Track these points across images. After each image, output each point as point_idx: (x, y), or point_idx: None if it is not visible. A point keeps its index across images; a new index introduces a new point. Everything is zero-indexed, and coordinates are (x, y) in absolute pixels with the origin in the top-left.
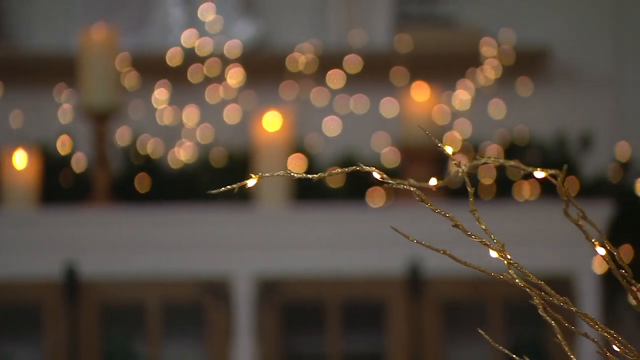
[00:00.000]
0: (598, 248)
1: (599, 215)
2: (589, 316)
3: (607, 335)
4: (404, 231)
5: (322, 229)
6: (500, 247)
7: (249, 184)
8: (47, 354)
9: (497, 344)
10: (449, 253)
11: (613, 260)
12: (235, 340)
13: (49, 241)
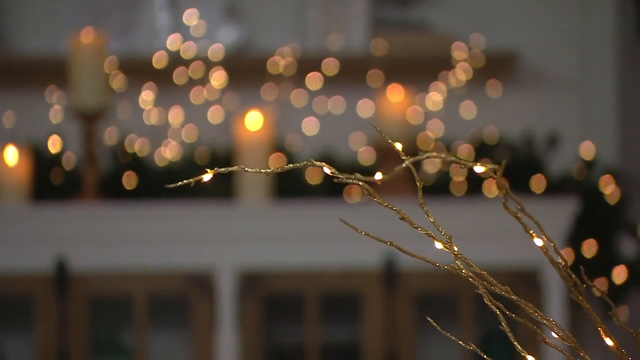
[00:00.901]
0: (535, 239)
1: (565, 210)
2: (529, 304)
3: (546, 322)
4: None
5: (302, 224)
6: (448, 239)
7: (205, 178)
8: (37, 345)
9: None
10: (395, 244)
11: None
12: (218, 331)
13: (40, 236)
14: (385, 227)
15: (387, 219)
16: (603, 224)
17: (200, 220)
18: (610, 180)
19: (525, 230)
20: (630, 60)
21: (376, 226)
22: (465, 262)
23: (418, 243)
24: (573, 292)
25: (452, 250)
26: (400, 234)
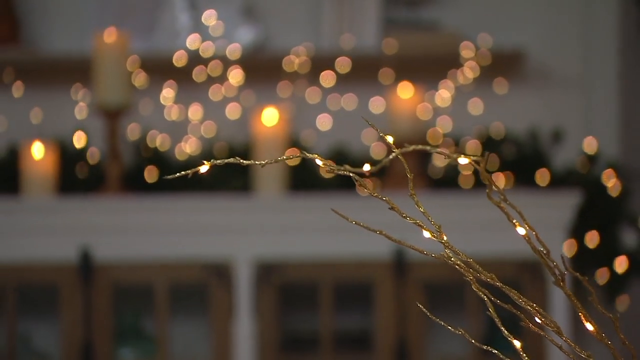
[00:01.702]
0: (518, 228)
1: (568, 203)
2: (513, 290)
3: (530, 307)
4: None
5: (316, 216)
6: (437, 229)
7: (202, 169)
8: (63, 332)
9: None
10: (384, 233)
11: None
12: (236, 318)
13: (65, 227)
14: (395, 218)
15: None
16: (605, 216)
17: (219, 212)
18: (612, 173)
19: (509, 219)
20: (632, 58)
21: (387, 217)
22: (453, 251)
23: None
24: (555, 279)
25: (441, 239)
26: (411, 225)
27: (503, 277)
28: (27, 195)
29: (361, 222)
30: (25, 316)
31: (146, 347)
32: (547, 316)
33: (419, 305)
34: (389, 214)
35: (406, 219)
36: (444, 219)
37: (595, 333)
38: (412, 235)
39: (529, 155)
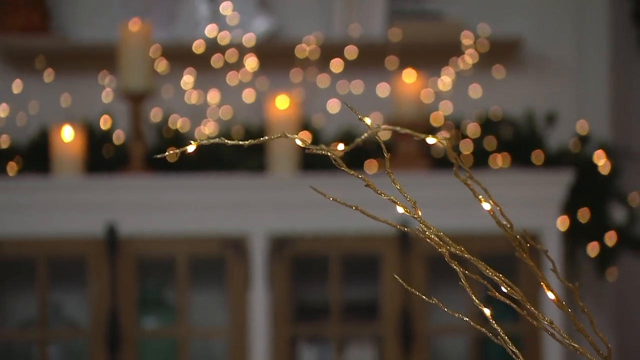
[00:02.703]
0: (483, 204)
1: (562, 181)
2: (480, 262)
3: (497, 278)
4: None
5: (329, 192)
6: (412, 205)
7: (189, 149)
8: (91, 301)
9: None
10: (360, 209)
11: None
12: (251, 289)
13: (93, 203)
14: (396, 196)
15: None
16: (596, 193)
17: (235, 190)
18: (603, 154)
19: (474, 195)
20: (623, 46)
21: (394, 194)
22: (425, 225)
23: (429, 209)
24: (518, 251)
25: (415, 214)
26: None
27: (497, 251)
28: (58, 174)
29: (338, 199)
30: (56, 286)
31: (167, 316)
32: (512, 286)
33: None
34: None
35: (381, 195)
36: (442, 196)
37: (557, 301)
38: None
39: (525, 137)
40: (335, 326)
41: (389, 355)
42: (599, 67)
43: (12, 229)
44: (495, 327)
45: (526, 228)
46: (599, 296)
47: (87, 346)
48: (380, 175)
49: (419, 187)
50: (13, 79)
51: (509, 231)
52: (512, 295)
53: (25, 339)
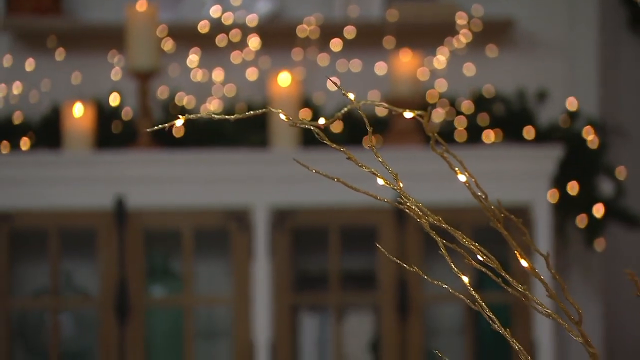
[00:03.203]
0: (459, 175)
1: (552, 156)
2: (457, 231)
3: (473, 247)
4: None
5: (325, 168)
6: (394, 176)
7: (177, 123)
8: (101, 270)
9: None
10: (342, 181)
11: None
12: (254, 260)
13: (102, 177)
14: (396, 168)
15: (397, 162)
16: (584, 167)
17: (239, 164)
18: (591, 129)
19: (450, 167)
20: (611, 26)
21: (394, 167)
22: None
23: (429, 182)
24: (492, 221)
25: (396, 186)
26: (410, 175)
27: (486, 222)
28: (68, 149)
29: (320, 171)
30: (67, 257)
31: (174, 285)
32: (488, 255)
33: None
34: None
35: (362, 167)
36: (437, 170)
37: (530, 269)
38: (416, 183)
39: (516, 113)
40: (335, 295)
41: (386, 323)
42: (588, 46)
43: (25, 201)
44: (474, 294)
45: (517, 200)
46: (588, 265)
47: (97, 314)
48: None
49: (414, 161)
50: (26, 58)
51: (484, 202)
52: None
53: (38, 307)
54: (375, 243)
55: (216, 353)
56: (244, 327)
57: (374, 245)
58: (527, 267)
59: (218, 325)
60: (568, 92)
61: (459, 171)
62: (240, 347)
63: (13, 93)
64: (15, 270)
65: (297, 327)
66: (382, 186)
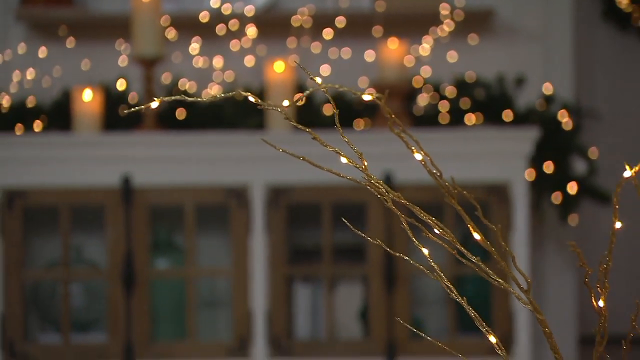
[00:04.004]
0: (416, 154)
1: (529, 137)
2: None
3: (430, 220)
4: (380, 148)
5: (317, 148)
6: (359, 156)
7: (152, 105)
8: (108, 244)
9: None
10: (307, 159)
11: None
12: (252, 234)
13: (109, 157)
14: (382, 151)
15: (386, 144)
16: (559, 148)
17: (238, 145)
18: (566, 113)
19: (407, 147)
20: (584, 16)
21: (377, 148)
22: (368, 175)
23: (409, 162)
24: (447, 197)
25: (360, 165)
26: (397, 155)
27: (468, 200)
28: (78, 131)
29: (287, 150)
30: (77, 232)
31: (177, 258)
32: (444, 228)
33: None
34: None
35: (326, 147)
36: (425, 151)
37: (482, 241)
38: (403, 164)
39: (496, 98)
40: (327, 267)
41: (374, 293)
42: (563, 35)
43: (37, 180)
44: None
45: (497, 179)
46: (562, 238)
47: (105, 284)
48: (362, 132)
49: (400, 143)
50: (39, 46)
51: (439, 179)
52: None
53: (50, 278)
54: (364, 219)
55: (216, 321)
56: (242, 296)
57: (363, 221)
58: (480, 240)
59: (218, 295)
60: (544, 77)
61: (415, 150)
62: (239, 315)
63: (27, 79)
64: (28, 244)
65: (291, 297)
66: (371, 167)
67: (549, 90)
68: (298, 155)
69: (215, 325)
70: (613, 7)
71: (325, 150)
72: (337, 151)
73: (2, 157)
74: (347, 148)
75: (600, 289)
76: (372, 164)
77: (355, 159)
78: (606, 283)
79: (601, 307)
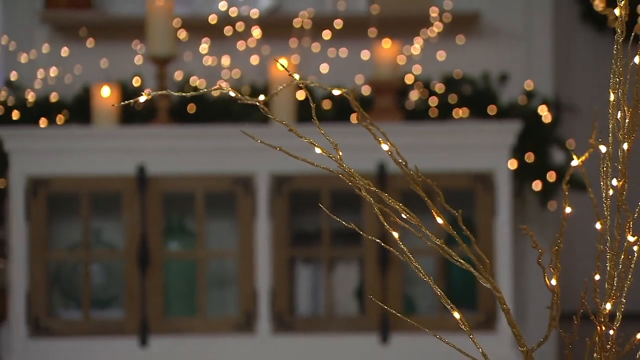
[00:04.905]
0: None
1: (512, 130)
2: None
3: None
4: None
5: (317, 139)
6: (334, 146)
7: (141, 99)
8: (125, 229)
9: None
10: (283, 149)
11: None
12: (257, 219)
13: (125, 148)
14: (373, 142)
15: (380, 137)
16: (539, 139)
17: (244, 137)
18: (545, 107)
19: (375, 138)
20: (563, 19)
21: (372, 141)
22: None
23: (406, 153)
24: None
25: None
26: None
27: (459, 187)
28: (97, 124)
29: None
30: (96, 216)
31: (188, 240)
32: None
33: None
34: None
35: (302, 138)
36: (414, 143)
37: (444, 225)
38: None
39: (481, 93)
40: (326, 249)
41: (369, 273)
42: (544, 36)
43: (60, 169)
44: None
45: (482, 168)
46: (542, 223)
47: (123, 265)
48: (356, 125)
49: (393, 135)
50: (61, 46)
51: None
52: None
53: (72, 259)
54: (360, 204)
55: (224, 299)
56: (248, 276)
57: (359, 207)
58: (442, 224)
59: (226, 275)
60: (526, 75)
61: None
62: (245, 293)
63: (50, 76)
64: (52, 228)
65: (293, 277)
66: (366, 156)
67: (530, 87)
68: (274, 146)
69: (223, 303)
70: (590, 10)
71: (327, 141)
72: (311, 142)
73: (28, 148)
74: (340, 139)
75: (552, 269)
76: (367, 155)
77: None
78: (557, 263)
79: (554, 286)
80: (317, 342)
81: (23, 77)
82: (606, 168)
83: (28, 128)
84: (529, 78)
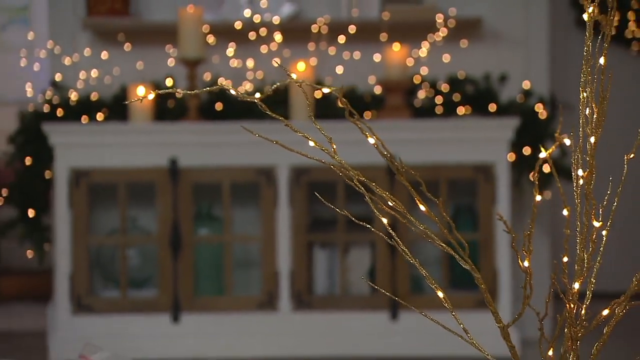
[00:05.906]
0: (369, 139)
1: (510, 126)
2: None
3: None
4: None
5: (333, 135)
6: (329, 139)
7: (149, 97)
8: (159, 217)
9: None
10: (280, 143)
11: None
12: (278, 208)
13: (159, 143)
14: (386, 137)
15: (388, 131)
16: (536, 135)
17: (266, 131)
18: (541, 105)
19: (362, 132)
20: (559, 24)
21: (380, 135)
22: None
23: (414, 146)
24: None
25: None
26: (400, 141)
27: (463, 178)
28: (134, 121)
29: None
30: (133, 205)
31: (216, 226)
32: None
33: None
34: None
35: (296, 132)
36: (421, 138)
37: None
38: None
39: (483, 92)
40: (341, 234)
41: (380, 256)
42: (541, 40)
43: (100, 162)
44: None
45: (484, 160)
46: (538, 212)
47: (156, 249)
48: (369, 122)
49: (402, 130)
50: (101, 50)
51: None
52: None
53: (111, 243)
54: (371, 194)
55: (249, 279)
56: (270, 259)
57: (371, 196)
58: (425, 211)
59: (250, 258)
60: (524, 76)
61: (369, 135)
62: (268, 274)
63: (91, 77)
64: (92, 215)
65: (311, 259)
66: (376, 151)
67: (528, 87)
68: (272, 139)
69: (248, 283)
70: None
71: (346, 136)
72: (305, 136)
73: (71, 143)
74: (338, 135)
75: (525, 252)
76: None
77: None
78: (530, 247)
79: (526, 267)
80: (333, 319)
81: (67, 78)
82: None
83: (71, 124)
84: (527, 79)
